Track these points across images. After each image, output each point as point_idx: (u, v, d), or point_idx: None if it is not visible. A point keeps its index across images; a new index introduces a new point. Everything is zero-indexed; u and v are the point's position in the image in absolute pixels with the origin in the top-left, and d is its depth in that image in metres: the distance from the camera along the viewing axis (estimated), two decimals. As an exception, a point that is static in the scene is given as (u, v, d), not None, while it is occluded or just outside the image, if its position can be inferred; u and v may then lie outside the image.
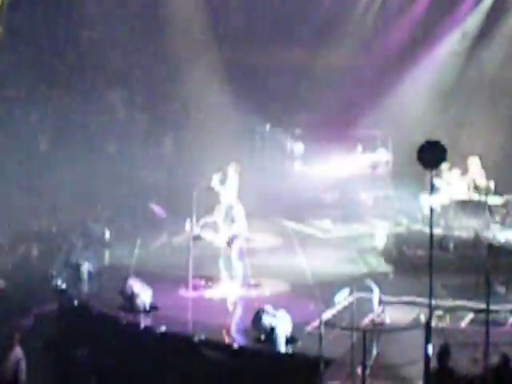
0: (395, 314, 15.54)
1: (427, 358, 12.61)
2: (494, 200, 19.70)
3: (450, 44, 25.47)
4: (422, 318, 13.79)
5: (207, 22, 26.60)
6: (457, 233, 19.14)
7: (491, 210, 19.53)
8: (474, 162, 20.27)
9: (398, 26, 26.04)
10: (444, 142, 13.32)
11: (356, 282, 15.49)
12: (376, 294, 15.62)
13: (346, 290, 14.79)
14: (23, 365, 14.72)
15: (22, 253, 20.01)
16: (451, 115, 24.60)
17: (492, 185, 19.95)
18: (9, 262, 19.72)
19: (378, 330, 14.45)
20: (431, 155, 13.49)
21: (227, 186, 17.43)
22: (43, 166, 24.29)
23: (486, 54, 25.20)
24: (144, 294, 16.15)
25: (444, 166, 18.38)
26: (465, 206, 19.85)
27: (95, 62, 27.58)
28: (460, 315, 15.55)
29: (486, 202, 19.63)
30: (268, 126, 26.52)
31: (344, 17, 26.74)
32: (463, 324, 15.34)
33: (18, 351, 14.84)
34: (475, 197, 19.90)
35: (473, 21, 25.13)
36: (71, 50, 27.67)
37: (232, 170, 17.52)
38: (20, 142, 25.49)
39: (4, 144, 24.56)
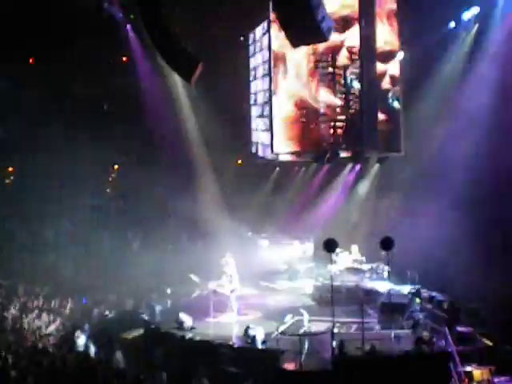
0: (317, 327, 15.48)
1: (332, 348, 12.82)
2: (366, 266, 19.72)
3: (347, 189, 24.83)
4: (330, 328, 13.62)
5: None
6: (347, 284, 18.81)
7: (364, 271, 19.53)
8: (354, 248, 20.39)
9: (317, 179, 25.82)
10: (338, 238, 13.85)
11: (296, 311, 15.69)
12: (306, 317, 15.65)
13: (290, 315, 15.08)
14: (122, 361, 14.62)
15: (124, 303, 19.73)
16: (349, 221, 23.53)
17: (364, 259, 20.06)
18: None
19: (308, 334, 14.42)
20: (331, 245, 14.10)
21: (227, 265, 17.51)
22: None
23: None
24: (188, 321, 16.11)
25: (338, 250, 18.23)
26: (350, 270, 19.82)
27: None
28: (349, 326, 15.48)
29: (361, 268, 19.67)
30: (249, 232, 26.49)
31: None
32: (352, 330, 15.31)
33: (118, 354, 14.77)
34: (355, 265, 19.93)
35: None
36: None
37: (228, 257, 17.61)
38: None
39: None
